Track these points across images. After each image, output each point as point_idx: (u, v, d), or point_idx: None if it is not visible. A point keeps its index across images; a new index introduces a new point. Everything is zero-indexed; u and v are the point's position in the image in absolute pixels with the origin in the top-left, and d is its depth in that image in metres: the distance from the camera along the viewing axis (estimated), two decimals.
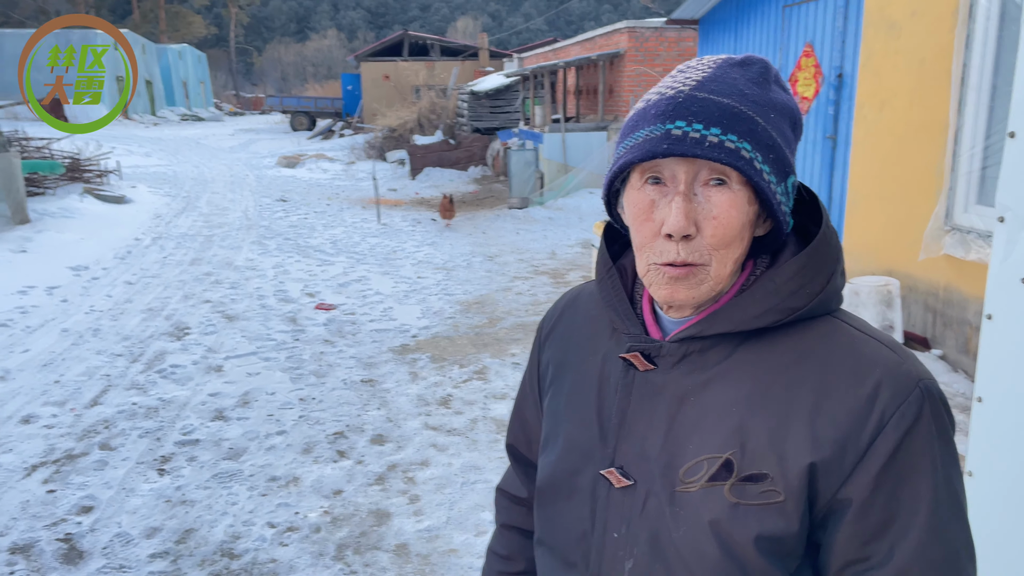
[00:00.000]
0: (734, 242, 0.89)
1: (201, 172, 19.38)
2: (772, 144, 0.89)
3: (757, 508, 0.86)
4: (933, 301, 5.20)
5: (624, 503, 0.94)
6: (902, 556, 0.85)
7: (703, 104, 0.87)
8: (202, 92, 55.83)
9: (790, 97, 0.96)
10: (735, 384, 0.91)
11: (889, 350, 0.90)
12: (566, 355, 1.09)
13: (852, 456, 0.85)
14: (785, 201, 0.92)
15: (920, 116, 5.27)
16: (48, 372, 5.55)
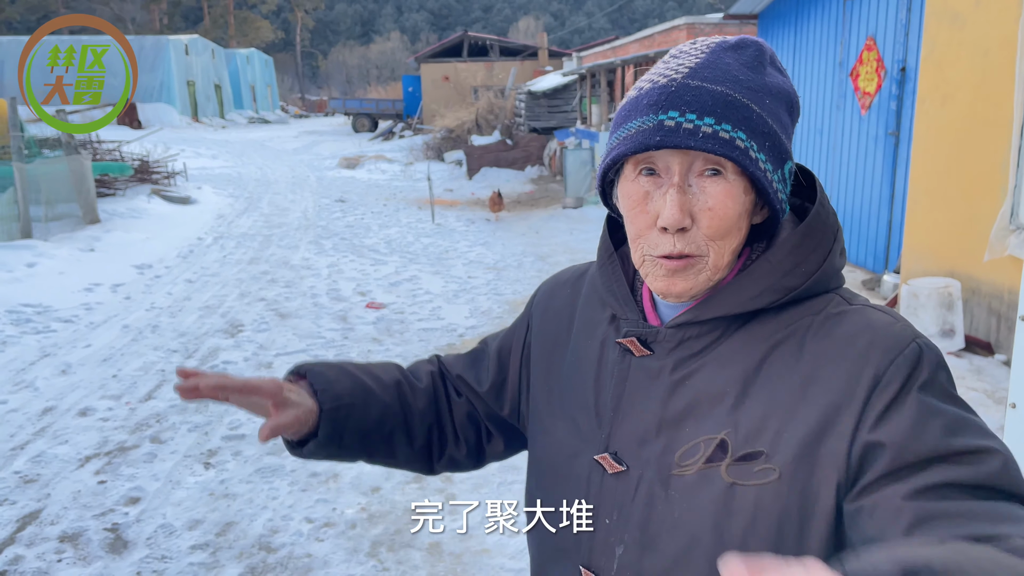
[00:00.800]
0: (731, 232, 0.88)
1: (264, 174, 19.85)
2: (768, 131, 0.86)
3: (752, 487, 0.84)
4: (997, 304, 4.97)
5: (617, 489, 0.93)
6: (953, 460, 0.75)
7: (696, 93, 0.84)
8: (269, 95, 57.22)
9: (786, 79, 0.93)
10: (729, 365, 0.89)
11: (882, 313, 0.87)
12: (564, 336, 1.08)
13: (849, 418, 0.80)
14: (782, 188, 0.89)
15: (984, 110, 5.04)
16: (107, 367, 5.74)
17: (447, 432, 1.20)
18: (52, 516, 3.69)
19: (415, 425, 1.17)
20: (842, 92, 8.06)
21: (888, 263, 7.17)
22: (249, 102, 50.79)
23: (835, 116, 8.22)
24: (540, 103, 20.82)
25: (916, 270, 5.68)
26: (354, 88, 71.62)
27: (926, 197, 5.78)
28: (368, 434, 1.12)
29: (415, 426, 1.17)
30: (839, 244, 0.92)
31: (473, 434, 1.21)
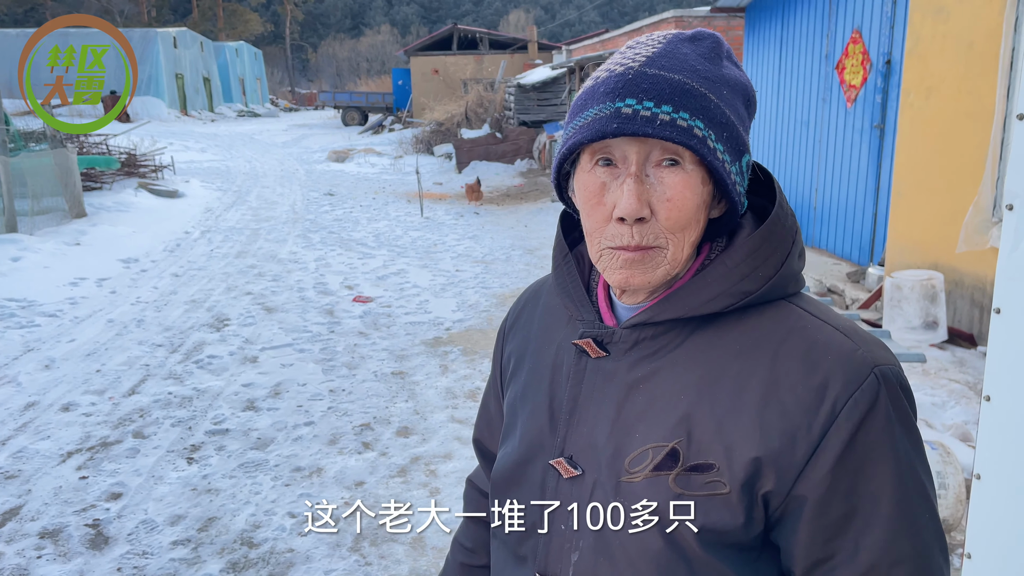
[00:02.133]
0: (690, 224, 0.86)
1: (253, 167, 19.75)
2: (726, 122, 0.85)
3: (702, 499, 0.83)
4: (980, 296, 4.99)
5: (572, 494, 0.91)
6: (869, 551, 0.81)
7: (654, 81, 0.83)
8: (258, 88, 56.92)
9: (742, 73, 0.92)
10: (685, 371, 0.88)
11: (844, 336, 0.85)
12: (525, 346, 1.07)
13: (803, 449, 0.81)
14: (740, 181, 0.88)
15: (968, 103, 5.05)
16: (91, 361, 5.71)
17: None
18: (32, 512, 3.67)
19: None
20: (828, 85, 8.07)
21: (873, 255, 7.19)
22: (238, 95, 50.51)
23: (821, 109, 8.24)
24: (530, 96, 20.78)
25: (900, 262, 5.70)
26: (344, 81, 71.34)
27: (910, 190, 5.80)
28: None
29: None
30: (797, 247, 0.91)
31: None
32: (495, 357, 1.18)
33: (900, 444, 0.82)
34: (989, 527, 1.65)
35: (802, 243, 0.93)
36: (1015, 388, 1.58)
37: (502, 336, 1.16)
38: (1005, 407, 1.61)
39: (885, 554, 0.81)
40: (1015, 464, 1.60)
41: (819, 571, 0.83)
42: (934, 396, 4.15)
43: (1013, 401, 1.59)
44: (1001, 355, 1.60)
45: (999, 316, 1.59)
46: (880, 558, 0.81)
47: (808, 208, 8.53)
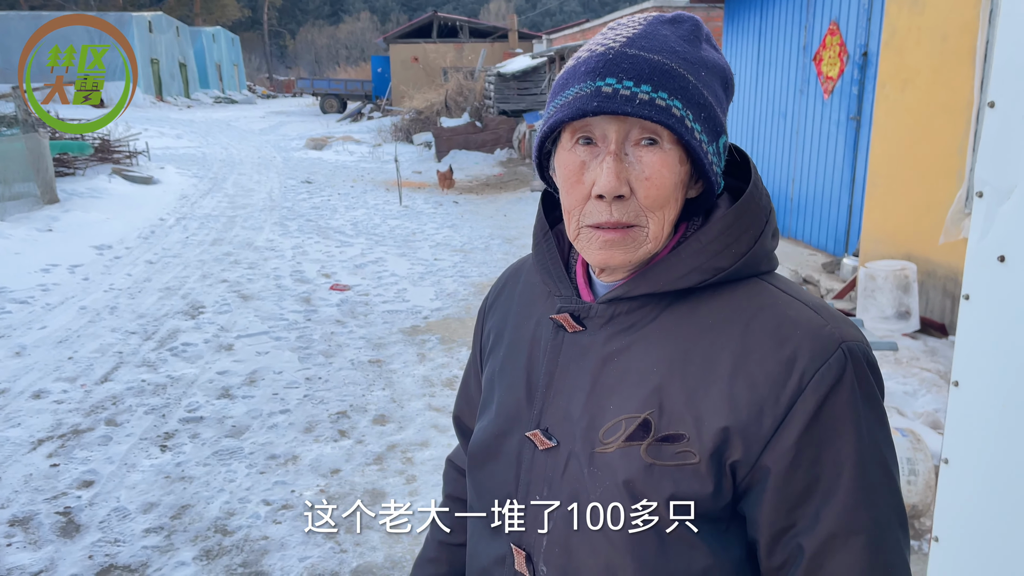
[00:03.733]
0: (667, 203, 0.88)
1: (230, 154, 19.55)
2: (703, 103, 0.86)
3: (672, 468, 0.85)
4: (952, 286, 5.06)
5: (547, 465, 0.93)
6: (828, 520, 0.83)
7: (633, 61, 0.84)
8: (235, 75, 56.26)
9: (721, 56, 0.93)
10: (658, 345, 0.89)
11: (813, 312, 0.87)
12: (505, 323, 1.09)
13: (770, 421, 0.83)
14: (717, 162, 0.90)
15: (943, 95, 5.10)
16: (63, 348, 5.63)
17: None
18: (2, 500, 3.62)
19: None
20: (805, 76, 8.12)
21: (848, 246, 7.26)
22: (215, 81, 49.91)
23: (798, 100, 8.28)
24: (510, 85, 20.71)
25: (874, 253, 5.76)
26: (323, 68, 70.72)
27: (884, 181, 5.85)
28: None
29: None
30: (771, 226, 0.92)
31: None
32: (475, 334, 1.19)
33: (864, 418, 0.84)
34: (956, 511, 1.68)
35: (775, 223, 0.94)
36: (983, 374, 1.60)
37: (483, 314, 1.17)
38: (973, 393, 1.63)
39: (843, 524, 0.83)
40: (982, 449, 1.62)
41: (782, 540, 0.85)
42: (906, 384, 4.20)
43: (981, 387, 1.61)
44: (969, 341, 1.62)
45: (968, 303, 1.61)
46: (839, 528, 0.83)
47: (784, 199, 8.59)
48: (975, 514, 1.64)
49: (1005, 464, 1.57)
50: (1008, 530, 1.58)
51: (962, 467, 1.66)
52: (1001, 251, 1.54)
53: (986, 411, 1.60)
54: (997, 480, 1.60)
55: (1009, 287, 1.53)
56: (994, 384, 1.58)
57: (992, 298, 1.57)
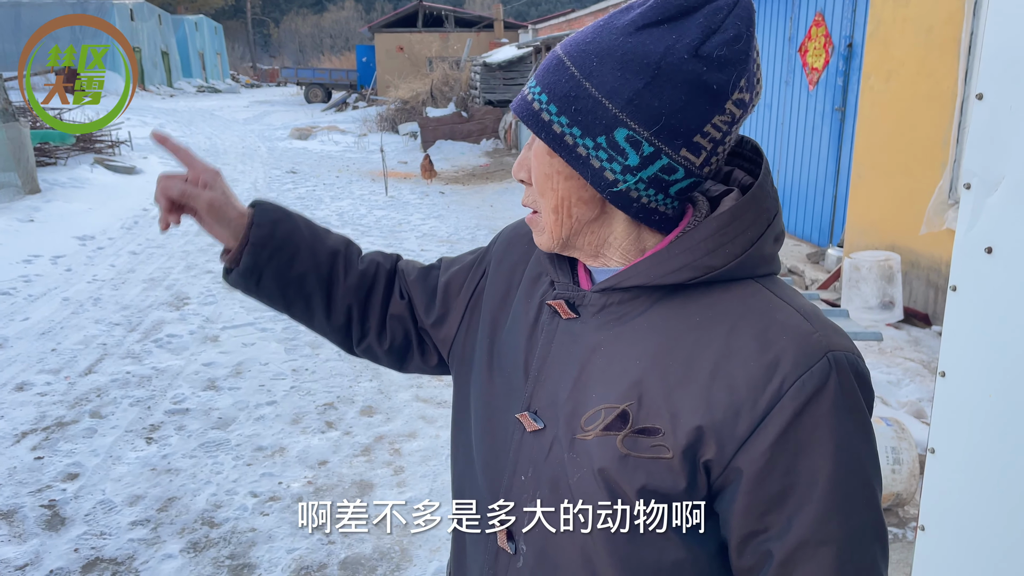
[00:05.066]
0: (545, 192, 0.91)
1: (214, 143, 19.39)
2: (577, 95, 0.84)
3: (646, 461, 0.86)
4: (935, 277, 5.10)
5: (533, 447, 0.95)
6: (799, 528, 0.82)
7: (547, 62, 0.89)
8: (219, 64, 55.77)
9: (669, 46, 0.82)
10: (644, 338, 0.89)
11: (803, 319, 0.85)
12: (511, 292, 1.09)
13: (746, 423, 0.82)
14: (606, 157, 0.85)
15: (927, 86, 5.13)
16: (46, 340, 5.58)
17: (371, 321, 1.20)
18: None
19: (336, 298, 1.18)
20: (791, 68, 8.14)
21: (833, 237, 7.30)
22: (198, 70, 49.45)
23: (784, 91, 8.30)
24: (496, 75, 20.64)
25: (859, 244, 5.80)
26: (307, 58, 70.19)
27: (869, 172, 5.88)
28: (287, 285, 1.15)
29: (336, 299, 1.18)
30: (773, 229, 0.89)
31: (401, 336, 1.21)
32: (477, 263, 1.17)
33: (844, 429, 0.82)
34: (942, 500, 1.70)
35: (781, 226, 0.91)
36: (969, 364, 1.62)
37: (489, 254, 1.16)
38: (959, 383, 1.64)
39: (814, 533, 0.82)
40: (968, 438, 1.64)
41: (752, 543, 0.85)
42: (890, 374, 4.24)
43: (967, 377, 1.62)
44: (956, 332, 1.64)
45: (955, 293, 1.62)
46: (809, 536, 0.82)
47: None
48: (961, 503, 1.66)
49: (990, 453, 1.59)
50: (993, 519, 1.60)
51: (948, 456, 1.68)
52: (988, 242, 1.55)
53: (972, 401, 1.61)
54: (982, 469, 1.61)
55: (996, 278, 1.54)
56: (980, 374, 1.59)
57: (979, 289, 1.58)
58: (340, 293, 1.17)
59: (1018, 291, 1.51)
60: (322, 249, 1.17)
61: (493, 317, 1.10)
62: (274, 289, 1.14)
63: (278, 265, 1.12)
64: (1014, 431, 1.55)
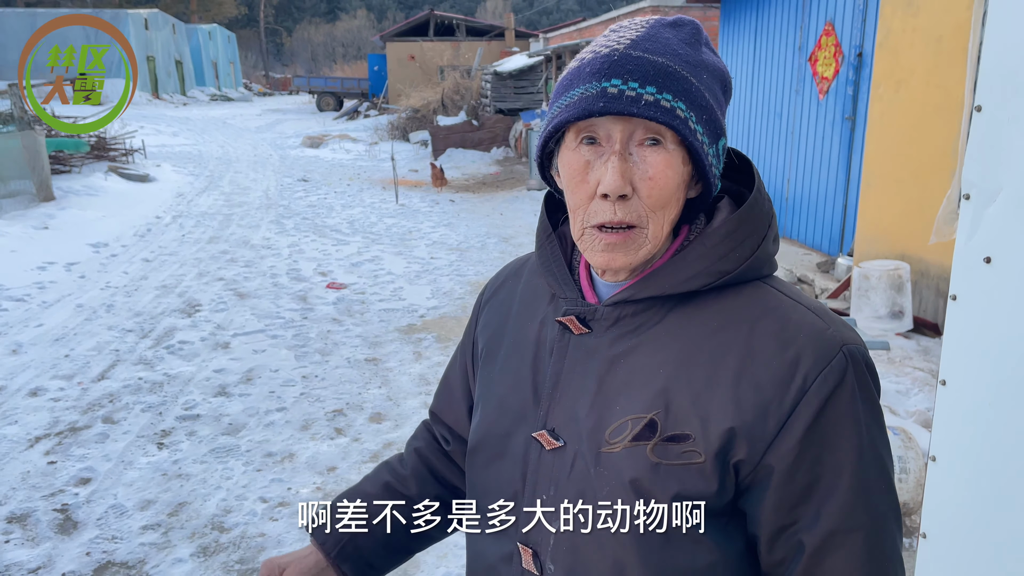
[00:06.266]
0: (670, 203, 0.89)
1: (226, 152, 19.53)
2: (705, 105, 0.88)
3: (678, 468, 0.87)
4: (945, 286, 5.09)
5: (554, 465, 0.94)
6: (828, 518, 0.85)
7: (638, 62, 0.85)
8: (232, 72, 56.17)
9: (719, 59, 0.95)
10: (664, 347, 0.91)
11: (815, 316, 0.89)
12: (504, 322, 1.09)
13: (775, 421, 0.85)
14: (716, 163, 0.91)
15: (936, 96, 5.13)
16: (59, 346, 5.64)
17: (460, 488, 1.18)
18: (0, 497, 3.64)
19: (422, 510, 1.15)
20: (801, 77, 8.15)
21: (843, 246, 7.29)
22: (211, 79, 49.83)
23: (794, 100, 8.31)
24: (506, 84, 20.72)
25: (868, 253, 5.79)
26: (319, 66, 70.57)
27: (879, 181, 5.88)
28: (389, 546, 1.15)
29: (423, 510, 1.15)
30: (772, 231, 0.94)
31: None
32: (469, 326, 1.19)
33: (863, 419, 0.86)
34: (944, 507, 1.71)
35: (777, 228, 0.95)
36: (970, 373, 1.63)
37: (478, 307, 1.18)
38: (960, 391, 1.65)
39: (843, 521, 0.85)
40: (969, 446, 1.65)
41: (783, 536, 0.88)
42: (898, 384, 4.23)
43: (968, 385, 1.64)
44: (957, 341, 1.65)
45: (955, 303, 1.64)
46: (839, 525, 0.85)
47: (780, 199, 8.62)
48: (962, 510, 1.67)
49: (991, 461, 1.60)
50: (995, 526, 1.61)
51: (949, 464, 1.69)
52: (987, 252, 1.56)
53: (973, 409, 1.63)
54: (983, 477, 1.62)
55: (995, 288, 1.56)
56: (981, 383, 1.60)
57: (979, 299, 1.59)
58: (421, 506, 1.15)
59: (1017, 300, 1.52)
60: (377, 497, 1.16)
61: (488, 353, 1.09)
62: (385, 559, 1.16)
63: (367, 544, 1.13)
64: (1014, 439, 1.56)
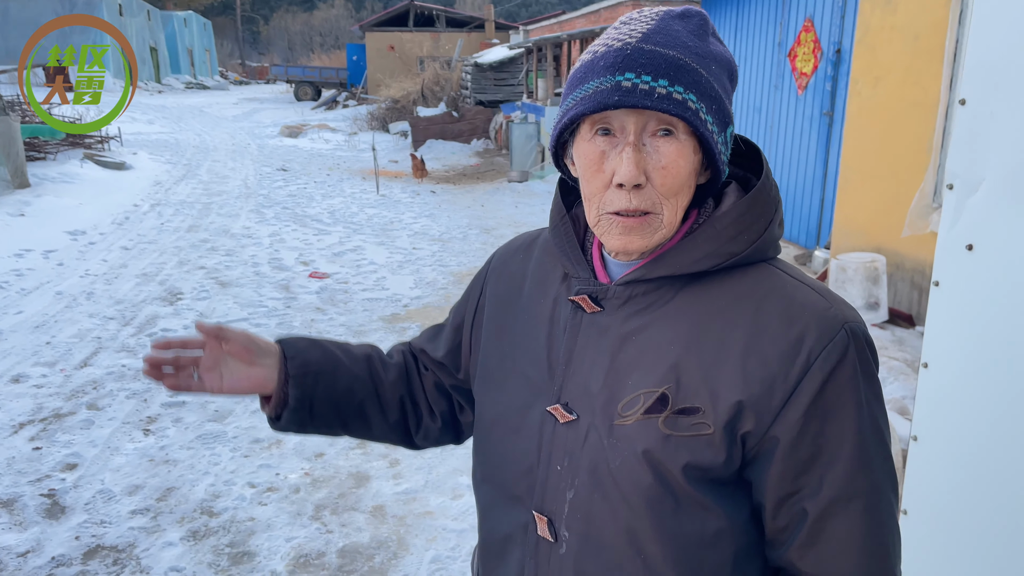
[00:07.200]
0: (682, 190, 0.93)
1: (203, 140, 19.36)
2: (714, 95, 0.92)
3: (688, 439, 0.91)
4: (919, 279, 5.21)
5: (568, 437, 0.98)
6: (831, 485, 0.90)
7: (650, 56, 0.89)
8: (207, 60, 55.54)
9: (726, 49, 0.98)
10: (674, 324, 0.95)
11: (818, 295, 0.94)
12: (516, 298, 1.13)
13: (780, 394, 0.90)
14: (724, 151, 0.95)
15: (913, 92, 5.24)
16: (40, 333, 5.60)
17: (420, 404, 1.26)
18: None
19: (387, 396, 1.23)
20: (780, 72, 8.25)
21: (820, 239, 7.42)
22: (186, 67, 49.23)
23: (773, 96, 8.42)
24: (487, 76, 20.71)
25: (845, 246, 5.91)
26: (296, 55, 69.96)
27: (856, 176, 5.99)
28: (339, 403, 1.19)
29: (387, 397, 1.23)
30: (779, 215, 0.98)
31: (445, 405, 1.27)
32: (473, 286, 1.23)
33: (863, 392, 0.92)
34: (924, 485, 1.78)
35: (782, 213, 1.00)
36: (951, 356, 1.70)
37: (485, 272, 1.21)
38: (941, 373, 1.73)
39: (844, 489, 0.90)
40: (948, 426, 1.72)
41: (787, 503, 0.93)
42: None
43: (949, 368, 1.71)
44: (938, 325, 1.72)
45: (937, 289, 1.71)
46: (840, 492, 0.90)
47: None
48: (942, 487, 1.74)
49: (970, 440, 1.68)
50: (973, 502, 1.69)
51: (930, 443, 1.76)
52: (969, 240, 1.64)
53: (953, 391, 1.70)
54: (962, 455, 1.70)
55: (976, 274, 1.63)
56: (961, 365, 1.68)
57: (960, 284, 1.66)
58: (388, 390, 1.23)
59: (997, 286, 1.59)
60: (356, 358, 1.22)
61: (499, 324, 1.13)
62: (328, 411, 1.18)
63: (325, 387, 1.17)
64: (993, 419, 1.63)
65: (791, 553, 0.94)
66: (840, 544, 0.91)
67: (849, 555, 0.91)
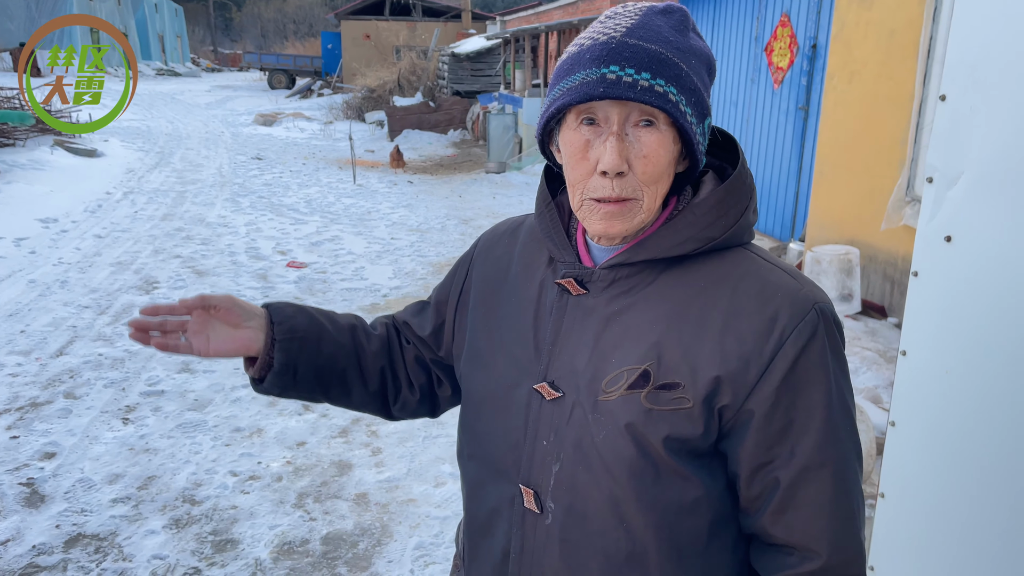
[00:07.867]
0: (662, 178, 0.98)
1: (176, 128, 19.11)
2: (694, 88, 0.97)
3: (668, 412, 0.97)
4: (891, 271, 5.31)
5: (554, 413, 1.03)
6: (801, 456, 0.96)
7: (634, 50, 0.93)
8: (179, 47, 54.74)
9: (705, 44, 1.04)
10: (656, 305, 1.00)
11: (790, 277, 1.01)
12: (502, 281, 1.17)
13: (755, 370, 0.95)
14: (702, 141, 1.01)
15: (888, 88, 5.33)
16: (14, 322, 5.53)
17: (400, 376, 1.30)
18: None
19: (368, 365, 1.27)
20: (756, 66, 8.34)
21: (794, 232, 7.52)
22: (157, 53, 48.49)
23: (749, 89, 8.50)
24: (463, 66, 20.65)
25: (819, 238, 6.00)
26: (270, 43, 69.18)
27: (831, 170, 6.09)
28: (321, 369, 1.22)
29: (368, 366, 1.27)
30: (753, 203, 1.04)
31: (424, 378, 1.31)
32: (459, 267, 1.26)
33: (832, 368, 0.98)
34: (902, 469, 1.84)
35: (756, 200, 1.06)
36: (928, 344, 1.76)
37: (471, 255, 1.25)
38: (919, 361, 1.78)
39: (814, 459, 0.96)
40: (925, 412, 1.78)
41: (761, 472, 0.99)
42: (848, 363, 4.42)
43: (926, 355, 1.77)
44: (917, 314, 1.78)
45: (916, 279, 1.76)
46: (810, 461, 0.96)
47: None
48: (919, 471, 1.80)
49: (946, 425, 1.74)
50: (948, 485, 1.75)
51: (908, 429, 1.82)
52: (948, 232, 1.69)
53: (930, 378, 1.76)
54: (939, 440, 1.76)
55: (954, 265, 1.68)
56: (938, 353, 1.73)
57: (938, 275, 1.72)
58: (369, 360, 1.26)
59: (974, 276, 1.65)
60: (341, 327, 1.26)
61: (486, 306, 1.17)
62: (310, 377, 1.21)
63: (309, 353, 1.20)
64: (968, 405, 1.69)
65: (764, 519, 0.99)
66: (810, 509, 0.97)
67: (818, 519, 0.97)
